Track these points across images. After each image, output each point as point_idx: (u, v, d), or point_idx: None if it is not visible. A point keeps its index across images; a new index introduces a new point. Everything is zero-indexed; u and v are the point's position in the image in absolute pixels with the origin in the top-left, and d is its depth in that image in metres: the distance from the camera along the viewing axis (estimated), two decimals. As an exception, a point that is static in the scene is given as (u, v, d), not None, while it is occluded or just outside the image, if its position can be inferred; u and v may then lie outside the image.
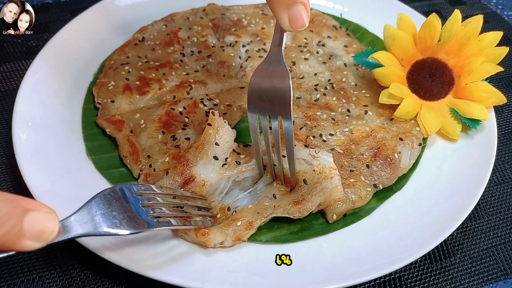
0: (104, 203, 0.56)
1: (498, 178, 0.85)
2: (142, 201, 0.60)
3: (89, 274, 0.68)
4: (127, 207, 0.57)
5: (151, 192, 0.64)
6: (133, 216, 0.57)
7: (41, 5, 1.24)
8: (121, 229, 0.54)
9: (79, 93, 0.92)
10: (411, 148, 0.80)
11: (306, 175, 0.71)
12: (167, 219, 0.61)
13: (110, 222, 0.54)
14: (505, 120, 0.97)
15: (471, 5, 1.32)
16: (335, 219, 0.72)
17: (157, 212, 0.61)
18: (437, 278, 0.70)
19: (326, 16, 1.12)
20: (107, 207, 0.55)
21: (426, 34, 0.86)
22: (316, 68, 0.97)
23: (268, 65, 0.67)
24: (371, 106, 0.88)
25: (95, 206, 0.55)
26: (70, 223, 0.52)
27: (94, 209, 0.54)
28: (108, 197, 0.57)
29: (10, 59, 1.06)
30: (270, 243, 0.69)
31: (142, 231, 0.58)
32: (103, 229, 0.53)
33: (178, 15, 1.11)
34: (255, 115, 0.69)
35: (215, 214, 0.70)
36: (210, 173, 0.73)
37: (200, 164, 0.72)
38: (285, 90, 0.65)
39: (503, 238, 0.75)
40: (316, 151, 0.72)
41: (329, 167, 0.70)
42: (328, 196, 0.69)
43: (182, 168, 0.72)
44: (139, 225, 0.57)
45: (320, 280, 0.62)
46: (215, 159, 0.73)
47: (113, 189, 0.58)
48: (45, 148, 0.78)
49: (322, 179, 0.70)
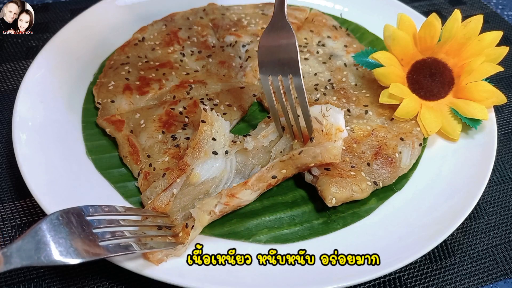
0: (51, 229, 0.51)
1: (498, 178, 0.85)
2: (95, 224, 0.56)
3: (89, 274, 0.68)
4: (77, 232, 0.53)
5: (104, 214, 0.59)
6: (84, 242, 0.52)
7: (41, 5, 1.24)
8: (70, 258, 0.50)
9: (79, 93, 0.92)
10: (412, 148, 0.80)
11: (315, 134, 0.72)
12: (123, 243, 0.56)
13: (58, 250, 0.50)
14: (505, 120, 0.97)
15: (471, 5, 1.32)
16: (334, 203, 0.71)
17: (112, 236, 0.56)
18: (437, 278, 0.70)
19: (326, 16, 1.13)
20: (53, 234, 0.50)
21: (426, 34, 0.86)
22: (316, 68, 0.97)
23: (272, 28, 0.71)
24: (371, 106, 0.88)
25: (41, 232, 0.50)
26: (11, 252, 0.47)
27: (40, 236, 0.50)
28: (55, 222, 0.52)
29: (10, 59, 1.06)
30: (270, 243, 0.69)
31: (93, 259, 0.53)
32: (51, 258, 0.49)
33: (178, 15, 1.11)
34: (267, 76, 0.73)
35: (177, 233, 0.65)
36: (211, 169, 0.72)
37: (199, 164, 0.72)
38: (292, 48, 0.69)
39: (503, 238, 0.75)
40: (327, 108, 0.73)
41: (336, 127, 0.72)
42: (327, 148, 0.70)
43: (178, 173, 0.72)
44: (91, 252, 0.52)
45: (320, 280, 0.62)
46: (215, 154, 0.73)
47: (60, 213, 0.53)
48: (45, 148, 0.78)
49: (325, 141, 0.71)
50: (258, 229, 0.71)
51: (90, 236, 0.54)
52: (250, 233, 0.70)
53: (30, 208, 0.77)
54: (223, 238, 0.69)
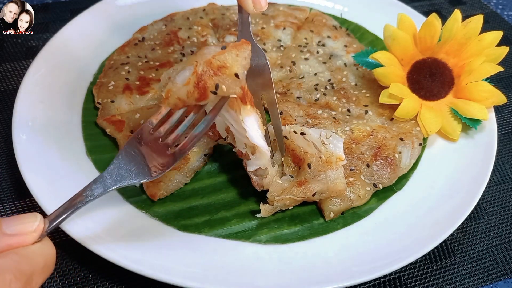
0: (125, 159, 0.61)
1: (498, 178, 0.85)
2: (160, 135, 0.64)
3: (89, 274, 0.68)
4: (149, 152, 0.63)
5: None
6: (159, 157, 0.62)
7: (41, 5, 1.24)
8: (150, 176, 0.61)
9: (79, 93, 0.92)
10: (412, 148, 0.80)
11: (312, 160, 0.71)
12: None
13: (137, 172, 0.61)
14: (505, 120, 0.97)
15: (471, 5, 1.32)
16: (332, 217, 0.72)
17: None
18: (437, 278, 0.70)
19: (326, 16, 1.12)
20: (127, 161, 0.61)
21: (426, 34, 0.86)
22: (316, 68, 0.97)
23: None
24: (371, 106, 0.88)
25: (120, 161, 0.61)
26: (104, 177, 0.59)
27: (121, 164, 0.61)
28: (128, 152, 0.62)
29: (10, 59, 1.06)
30: (270, 243, 0.69)
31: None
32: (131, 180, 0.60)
33: (178, 15, 1.11)
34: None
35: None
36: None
37: None
38: (264, 68, 0.71)
39: (503, 238, 0.75)
40: (327, 135, 0.72)
41: (336, 156, 0.70)
42: (331, 186, 0.69)
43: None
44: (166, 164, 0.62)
45: (320, 280, 0.62)
46: None
47: (129, 142, 0.63)
48: (45, 148, 0.78)
49: (327, 169, 0.70)
50: (258, 229, 0.71)
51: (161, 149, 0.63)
52: (250, 233, 0.70)
53: (30, 208, 0.77)
54: (223, 238, 0.69)
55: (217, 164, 0.81)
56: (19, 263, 0.46)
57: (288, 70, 0.97)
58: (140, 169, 0.62)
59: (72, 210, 0.56)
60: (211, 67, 0.60)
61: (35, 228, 0.50)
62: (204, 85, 0.60)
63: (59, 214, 0.55)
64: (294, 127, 0.74)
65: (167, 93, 0.63)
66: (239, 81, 0.61)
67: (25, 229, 0.50)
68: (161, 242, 0.68)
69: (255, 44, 0.70)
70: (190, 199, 0.76)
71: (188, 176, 0.77)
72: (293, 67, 0.97)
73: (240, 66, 0.61)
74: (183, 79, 0.62)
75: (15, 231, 0.49)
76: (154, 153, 0.63)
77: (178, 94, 0.62)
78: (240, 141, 0.68)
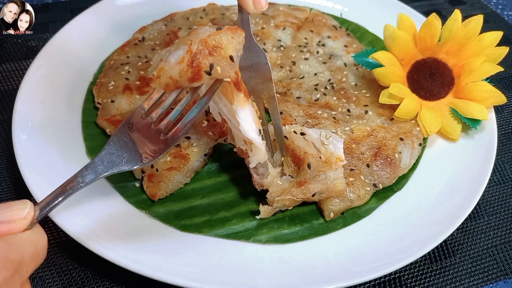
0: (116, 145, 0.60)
1: (498, 178, 0.85)
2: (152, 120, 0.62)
3: (89, 274, 0.68)
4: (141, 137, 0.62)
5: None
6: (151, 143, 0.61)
7: (41, 5, 1.24)
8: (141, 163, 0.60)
9: (79, 93, 0.92)
10: (412, 148, 0.80)
11: (312, 160, 0.71)
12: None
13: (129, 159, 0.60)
14: (505, 120, 0.97)
15: (471, 5, 1.32)
16: (332, 217, 0.72)
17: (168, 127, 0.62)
18: (437, 278, 0.70)
19: (326, 16, 1.12)
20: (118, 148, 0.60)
21: (426, 34, 0.86)
22: (316, 68, 0.97)
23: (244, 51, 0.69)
24: (371, 106, 0.88)
25: (112, 147, 0.60)
26: (95, 163, 0.58)
27: (112, 150, 0.60)
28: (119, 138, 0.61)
29: (10, 59, 1.06)
30: (270, 243, 0.69)
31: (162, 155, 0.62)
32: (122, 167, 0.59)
33: (178, 15, 1.11)
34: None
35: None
36: None
37: None
38: (264, 67, 0.71)
39: (503, 238, 0.75)
40: (327, 136, 0.71)
41: (336, 157, 0.70)
42: (330, 186, 0.69)
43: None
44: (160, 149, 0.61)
45: (320, 280, 0.62)
46: None
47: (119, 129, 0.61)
48: (45, 148, 0.78)
49: (326, 169, 0.70)
50: (258, 229, 0.71)
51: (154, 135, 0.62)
52: (250, 233, 0.70)
53: (30, 208, 0.76)
54: (223, 238, 0.70)
55: (217, 164, 0.81)
56: (7, 251, 0.45)
57: (288, 70, 0.97)
58: (132, 155, 0.60)
59: (63, 196, 0.55)
60: (206, 46, 0.59)
61: (24, 215, 0.49)
62: (198, 64, 0.59)
63: (50, 201, 0.54)
64: (294, 127, 0.74)
65: (158, 72, 0.60)
66: (233, 64, 0.60)
67: (15, 216, 0.48)
68: (161, 242, 0.68)
69: (255, 44, 0.69)
70: (190, 199, 0.76)
71: (188, 176, 0.77)
72: (293, 67, 0.97)
73: (235, 49, 0.60)
74: (177, 57, 0.59)
75: (4, 219, 0.48)
76: (146, 139, 0.61)
77: (171, 72, 0.59)
78: (238, 138, 0.67)
